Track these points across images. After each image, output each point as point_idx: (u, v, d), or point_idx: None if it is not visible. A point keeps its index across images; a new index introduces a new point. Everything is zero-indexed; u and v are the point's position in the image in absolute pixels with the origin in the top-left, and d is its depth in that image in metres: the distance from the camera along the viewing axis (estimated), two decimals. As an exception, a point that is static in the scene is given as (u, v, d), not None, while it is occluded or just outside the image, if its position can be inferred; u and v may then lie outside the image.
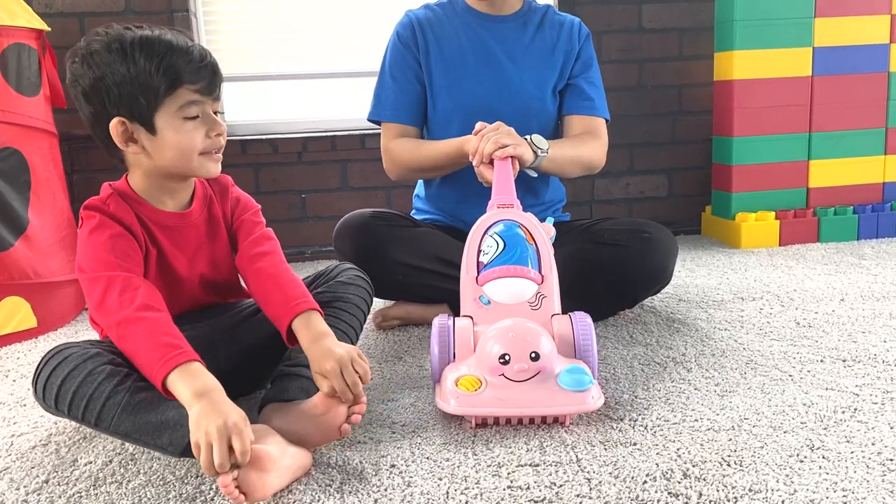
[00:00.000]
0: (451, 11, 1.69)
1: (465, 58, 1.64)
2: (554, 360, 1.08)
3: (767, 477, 0.90)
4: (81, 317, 1.89)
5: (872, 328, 1.46)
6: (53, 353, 1.02)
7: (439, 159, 1.58)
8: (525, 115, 1.61)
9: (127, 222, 1.08)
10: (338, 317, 1.19)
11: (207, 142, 1.09)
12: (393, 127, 1.66)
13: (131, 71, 1.03)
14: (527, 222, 1.28)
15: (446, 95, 1.64)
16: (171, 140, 1.06)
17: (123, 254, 1.05)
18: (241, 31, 2.47)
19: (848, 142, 2.36)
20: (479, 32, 1.66)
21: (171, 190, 1.14)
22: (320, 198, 2.46)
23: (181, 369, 0.93)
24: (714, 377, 1.24)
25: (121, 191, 1.12)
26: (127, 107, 1.04)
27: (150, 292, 1.02)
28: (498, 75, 1.63)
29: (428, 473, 0.96)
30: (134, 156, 1.08)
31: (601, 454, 0.99)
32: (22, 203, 1.72)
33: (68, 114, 2.05)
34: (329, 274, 1.28)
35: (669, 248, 1.53)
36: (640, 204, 2.61)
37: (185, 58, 1.05)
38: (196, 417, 0.87)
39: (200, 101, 1.07)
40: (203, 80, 1.07)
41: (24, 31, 1.74)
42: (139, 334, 0.98)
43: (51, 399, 1.00)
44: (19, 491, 0.97)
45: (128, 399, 0.96)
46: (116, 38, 1.04)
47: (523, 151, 1.41)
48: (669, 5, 2.50)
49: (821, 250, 2.21)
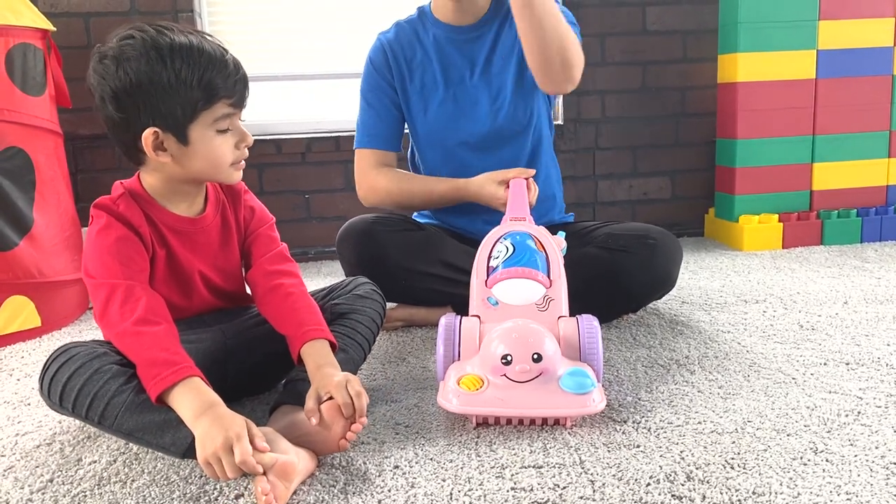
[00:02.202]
0: (421, 28, 1.64)
1: (437, 82, 1.62)
2: (557, 362, 1.08)
3: (771, 480, 0.90)
4: (85, 316, 1.89)
5: (876, 331, 1.46)
6: (61, 351, 1.03)
7: (431, 198, 1.61)
8: (499, 131, 1.60)
9: (135, 224, 1.08)
10: (354, 328, 1.20)
11: (236, 153, 1.11)
12: (369, 154, 1.65)
13: (171, 82, 1.02)
14: (538, 233, 1.29)
15: (423, 121, 1.64)
16: (203, 152, 1.07)
17: (128, 259, 1.05)
18: (245, 32, 2.47)
19: (851, 145, 2.36)
20: (448, 51, 1.61)
21: (186, 194, 1.14)
22: (324, 198, 2.46)
23: (177, 388, 0.94)
24: (717, 380, 1.24)
25: (133, 191, 1.11)
26: (162, 116, 1.04)
27: (152, 302, 1.03)
28: (468, 96, 1.61)
29: (431, 474, 0.96)
30: (158, 162, 1.08)
31: (604, 456, 0.99)
32: (27, 202, 1.73)
33: (73, 113, 2.06)
34: (346, 287, 1.30)
35: (674, 254, 1.52)
36: (643, 206, 2.61)
37: (223, 72, 1.05)
38: (200, 438, 0.89)
39: (233, 114, 1.08)
40: (237, 94, 1.07)
41: (29, 31, 1.75)
42: (136, 348, 0.99)
43: (56, 396, 1.01)
44: (24, 490, 0.97)
45: (132, 398, 0.97)
46: (153, 45, 1.03)
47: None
48: (673, 7, 2.50)
49: (824, 253, 2.21)
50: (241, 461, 0.85)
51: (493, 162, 1.57)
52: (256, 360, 1.21)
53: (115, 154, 2.27)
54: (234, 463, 0.86)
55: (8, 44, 1.69)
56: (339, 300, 1.26)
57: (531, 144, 1.65)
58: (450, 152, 1.63)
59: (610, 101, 2.52)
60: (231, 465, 0.86)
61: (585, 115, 2.52)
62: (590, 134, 2.53)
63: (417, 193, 1.62)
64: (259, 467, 0.86)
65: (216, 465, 0.87)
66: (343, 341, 1.16)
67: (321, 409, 0.98)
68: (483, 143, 1.61)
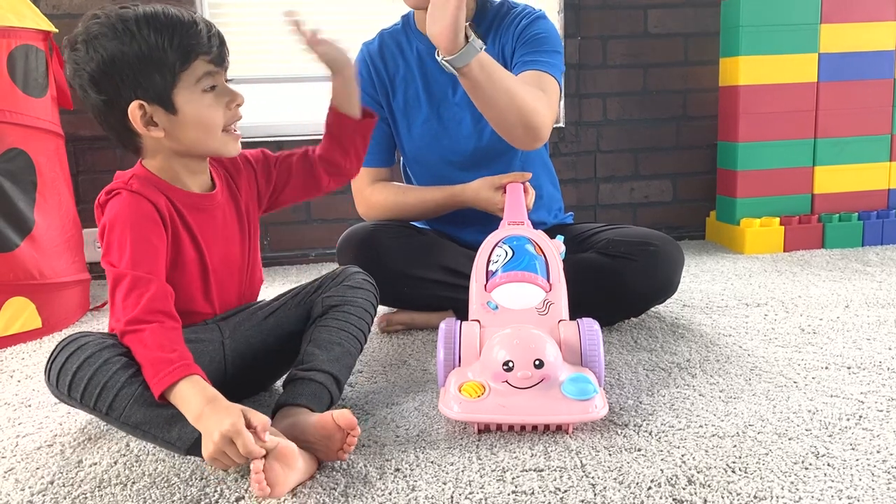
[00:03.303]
0: (404, 40, 1.60)
1: (420, 99, 1.59)
2: (558, 368, 1.08)
3: (772, 484, 0.90)
4: (86, 318, 1.89)
5: (877, 335, 1.45)
6: (70, 341, 1.02)
7: (427, 208, 1.60)
8: (484, 150, 1.58)
9: (153, 199, 1.07)
10: (346, 320, 1.18)
11: (228, 114, 1.09)
12: (363, 172, 1.60)
13: (143, 49, 1.01)
14: (537, 237, 1.29)
15: (408, 138, 1.62)
16: (193, 116, 1.06)
17: (144, 240, 1.03)
18: (247, 34, 2.47)
19: (853, 148, 2.36)
20: (430, 66, 1.56)
21: (191, 170, 1.13)
22: (324, 200, 2.45)
23: (178, 387, 0.94)
24: (719, 383, 1.24)
25: (141, 175, 1.10)
26: (143, 88, 1.02)
27: (157, 295, 1.01)
28: (456, 110, 1.57)
29: (432, 478, 0.96)
30: (153, 140, 1.06)
31: (606, 460, 0.98)
32: (28, 203, 1.73)
33: (75, 115, 2.06)
34: (337, 278, 1.27)
35: (676, 260, 1.51)
36: (644, 209, 2.61)
37: (193, 29, 1.04)
38: (203, 438, 0.90)
39: (215, 72, 1.07)
40: (214, 50, 1.06)
41: (31, 33, 1.75)
42: (137, 347, 0.99)
43: (64, 386, 1.00)
44: (24, 492, 0.97)
45: (141, 391, 0.97)
46: (118, 18, 1.02)
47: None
48: (675, 10, 2.50)
49: (825, 256, 2.21)
50: (246, 453, 0.86)
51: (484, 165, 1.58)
52: (254, 357, 1.21)
53: (117, 155, 2.27)
54: (237, 453, 0.87)
55: (10, 45, 1.69)
56: (331, 292, 1.23)
57: (519, 161, 1.62)
58: (435, 169, 1.63)
59: (611, 103, 2.52)
60: (235, 454, 0.87)
61: (587, 117, 2.52)
62: (591, 136, 2.53)
63: (413, 205, 1.61)
64: (261, 451, 0.87)
65: (223, 459, 0.88)
66: (337, 334, 1.15)
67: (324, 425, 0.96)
68: (469, 161, 1.60)
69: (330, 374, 1.09)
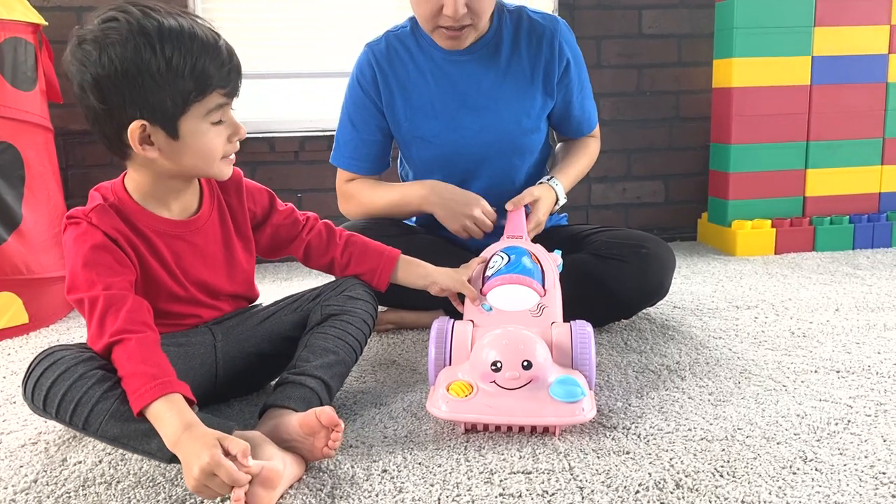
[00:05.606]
0: (414, 44, 1.54)
1: (435, 104, 1.53)
2: (547, 370, 1.07)
3: (760, 489, 0.90)
4: (73, 313, 1.88)
5: (867, 339, 1.46)
6: (45, 355, 1.01)
7: (391, 208, 1.58)
8: (510, 153, 1.56)
9: (111, 234, 1.04)
10: (345, 329, 1.17)
11: (228, 147, 1.06)
12: (349, 174, 1.62)
13: (161, 71, 0.96)
14: (535, 250, 1.30)
15: (422, 146, 1.57)
16: (194, 146, 1.02)
17: (106, 266, 1.01)
18: (239, 30, 2.46)
19: (845, 151, 2.37)
20: (448, 71, 1.53)
21: (176, 192, 1.10)
22: (317, 197, 2.45)
23: (155, 406, 0.91)
24: (708, 386, 1.24)
25: (113, 200, 1.06)
26: (150, 108, 0.98)
27: (133, 309, 0.99)
28: (475, 118, 1.53)
29: (420, 479, 0.95)
30: (145, 157, 1.02)
31: (594, 462, 0.98)
32: (16, 198, 1.71)
33: (64, 109, 2.05)
34: (337, 287, 1.25)
35: (667, 263, 1.51)
36: (636, 209, 2.61)
37: (217, 59, 1.00)
38: (183, 467, 0.87)
39: (226, 104, 1.03)
40: (231, 84, 1.02)
41: (20, 25, 1.73)
42: (117, 362, 0.96)
43: (39, 401, 0.99)
44: (7, 490, 0.96)
45: (117, 406, 0.94)
46: (140, 29, 0.96)
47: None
48: (669, 11, 2.50)
49: (816, 259, 2.21)
50: (231, 482, 0.83)
51: (486, 176, 1.57)
52: (247, 361, 1.20)
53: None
54: (221, 483, 0.83)
55: (-1, 38, 1.67)
56: (330, 301, 1.22)
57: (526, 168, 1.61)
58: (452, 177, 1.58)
59: (605, 104, 2.52)
60: (219, 486, 0.84)
61: (580, 117, 2.51)
62: (584, 137, 2.53)
63: (383, 204, 1.58)
64: (247, 478, 0.84)
65: (207, 493, 0.86)
66: (334, 343, 1.14)
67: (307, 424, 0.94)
68: (473, 164, 1.58)
69: (321, 381, 1.08)
